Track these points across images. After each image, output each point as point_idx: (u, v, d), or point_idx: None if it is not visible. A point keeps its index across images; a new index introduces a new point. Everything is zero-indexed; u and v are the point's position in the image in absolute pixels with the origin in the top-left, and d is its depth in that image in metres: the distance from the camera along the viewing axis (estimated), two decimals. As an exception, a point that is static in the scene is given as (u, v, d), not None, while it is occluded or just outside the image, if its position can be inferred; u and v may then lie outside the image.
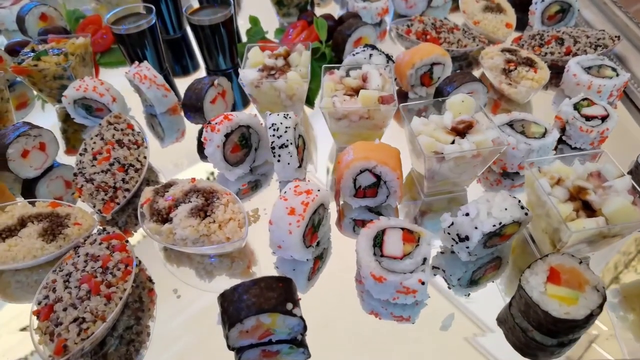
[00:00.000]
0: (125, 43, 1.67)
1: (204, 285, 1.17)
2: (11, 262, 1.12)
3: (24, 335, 1.07)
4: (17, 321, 1.11)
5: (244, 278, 1.17)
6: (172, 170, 1.47)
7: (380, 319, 1.08)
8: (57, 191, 1.43)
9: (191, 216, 1.14)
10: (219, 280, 1.17)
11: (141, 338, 1.07)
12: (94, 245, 1.13)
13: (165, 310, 1.11)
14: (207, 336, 1.06)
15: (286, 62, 1.45)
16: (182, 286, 1.16)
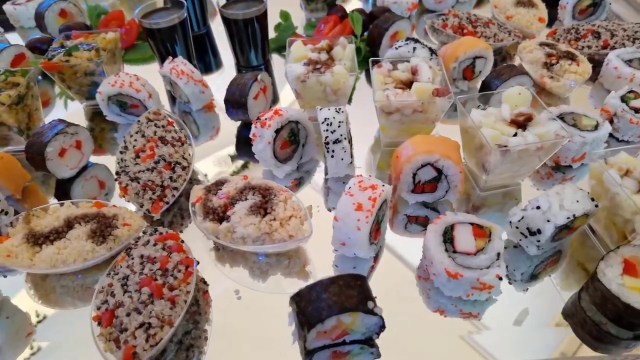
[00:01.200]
0: (156, 37, 1.62)
1: (260, 286, 1.12)
2: (62, 265, 1.06)
3: (83, 343, 1.00)
4: (71, 328, 1.05)
5: (301, 278, 1.13)
6: (211, 168, 1.42)
7: (446, 316, 1.05)
8: (92, 192, 1.36)
9: (251, 214, 1.09)
10: (275, 280, 1.12)
11: (199, 343, 1.02)
12: (148, 246, 1.07)
13: (222, 312, 1.06)
14: (270, 339, 1.02)
15: (330, 56, 1.41)
16: (237, 287, 1.11)
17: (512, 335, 1.01)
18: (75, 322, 1.05)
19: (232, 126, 1.55)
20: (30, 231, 1.11)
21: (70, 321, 1.07)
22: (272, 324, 1.04)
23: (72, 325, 1.06)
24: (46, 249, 1.07)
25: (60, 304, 1.10)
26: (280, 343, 1.00)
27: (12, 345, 1.04)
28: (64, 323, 1.06)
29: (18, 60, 1.70)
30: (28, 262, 1.06)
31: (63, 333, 1.05)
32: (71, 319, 1.07)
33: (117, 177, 1.24)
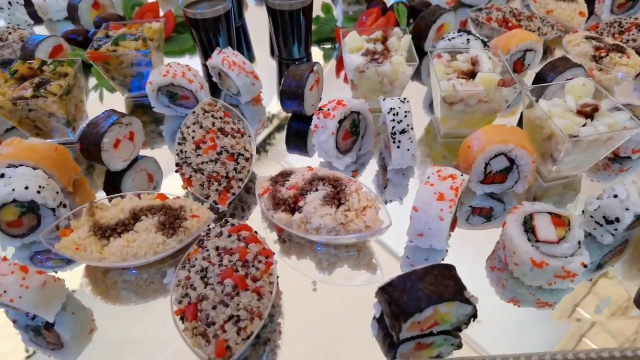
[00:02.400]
0: (199, 28, 1.58)
1: (327, 278, 1.09)
2: (132, 258, 1.03)
3: (149, 339, 0.99)
4: (145, 324, 1.02)
5: (369, 270, 1.11)
6: (262, 160, 1.39)
7: (520, 306, 1.04)
8: (141, 185, 1.33)
9: (325, 204, 1.07)
10: (343, 272, 1.09)
11: (274, 337, 1.00)
12: (222, 237, 1.04)
13: (293, 305, 1.03)
14: (346, 332, 0.99)
15: (385, 46, 1.40)
16: (304, 279, 1.08)
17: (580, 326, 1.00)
18: (138, 317, 1.03)
19: (278, 119, 1.52)
20: (95, 223, 1.07)
21: (133, 316, 1.03)
22: (346, 316, 1.02)
23: (138, 320, 1.03)
24: (114, 241, 1.04)
25: (120, 299, 1.06)
26: (357, 335, 0.98)
27: (76, 341, 1.00)
28: (126, 318, 1.03)
29: (56, 51, 1.66)
30: (97, 256, 1.02)
31: (127, 329, 1.01)
32: (133, 314, 1.04)
33: (178, 169, 1.21)
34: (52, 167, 1.19)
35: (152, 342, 0.99)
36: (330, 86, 1.63)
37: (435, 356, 0.96)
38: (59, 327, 1.01)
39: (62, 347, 1.00)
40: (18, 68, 1.36)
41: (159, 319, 1.02)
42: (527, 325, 1.00)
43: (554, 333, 0.99)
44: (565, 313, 1.02)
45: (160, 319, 1.01)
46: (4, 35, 1.72)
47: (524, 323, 1.00)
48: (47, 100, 1.27)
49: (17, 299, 0.92)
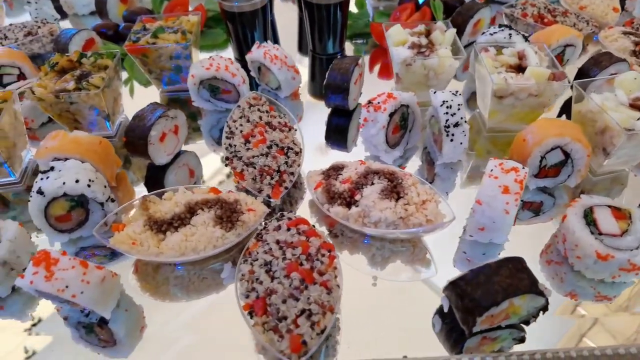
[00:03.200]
0: (236, 21, 1.56)
1: (381, 273, 1.07)
2: (191, 253, 1.00)
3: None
4: (198, 321, 1.00)
5: (423, 266, 1.09)
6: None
7: (577, 299, 1.03)
8: (183, 180, 1.30)
9: (385, 198, 1.05)
10: (396, 267, 1.08)
11: (334, 332, 0.97)
12: (281, 231, 1.02)
13: (349, 300, 1.00)
14: (405, 325, 0.98)
15: (429, 40, 1.39)
16: (359, 274, 1.06)
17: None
18: (190, 314, 1.00)
19: (315, 113, 1.51)
20: (149, 218, 1.05)
21: (185, 313, 1.01)
22: (405, 312, 1.00)
23: (190, 317, 1.00)
24: (171, 236, 1.02)
25: (171, 296, 1.04)
26: (418, 330, 0.96)
27: (129, 339, 0.98)
28: (177, 315, 1.01)
29: (88, 45, 1.63)
30: (155, 250, 1.00)
31: (178, 326, 0.99)
32: (185, 311, 1.01)
33: (227, 162, 1.18)
34: (97, 161, 1.17)
35: (205, 338, 0.97)
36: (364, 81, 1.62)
37: (497, 350, 0.95)
38: (113, 324, 0.99)
39: (115, 344, 0.98)
40: (58, 61, 1.33)
41: (214, 315, 1.00)
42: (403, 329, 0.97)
43: (555, 331, 0.97)
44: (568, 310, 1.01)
45: (217, 315, 1.00)
46: (33, 29, 1.69)
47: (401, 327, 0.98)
48: (89, 92, 1.25)
49: (79, 295, 0.89)
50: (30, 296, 1.05)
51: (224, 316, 1.00)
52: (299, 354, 0.83)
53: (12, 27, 1.72)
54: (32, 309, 1.04)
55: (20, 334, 0.99)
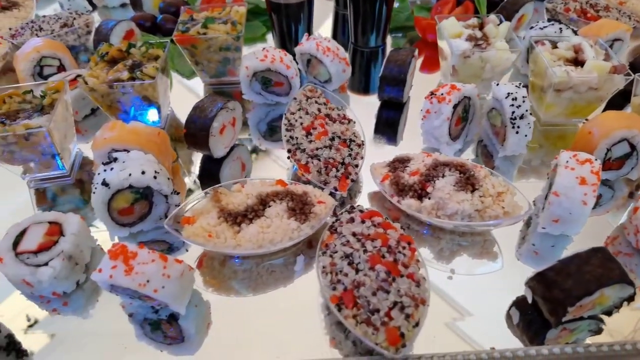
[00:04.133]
0: (281, 13, 1.54)
1: (453, 267, 1.05)
2: (269, 245, 0.98)
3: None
4: (268, 315, 0.97)
5: (491, 259, 1.08)
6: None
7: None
8: (236, 173, 1.28)
9: (460, 190, 1.04)
10: (463, 260, 1.06)
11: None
12: (356, 223, 1.00)
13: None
14: (482, 318, 0.96)
15: (483, 33, 1.38)
16: (437, 267, 1.05)
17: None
18: (259, 309, 0.98)
19: (361, 107, 1.49)
20: (222, 210, 1.02)
21: (253, 308, 0.98)
22: (477, 304, 0.98)
23: (259, 311, 0.98)
24: (248, 228, 0.99)
25: (236, 290, 1.01)
26: (493, 322, 0.95)
27: (198, 335, 0.95)
28: (246, 310, 0.98)
29: (128, 36, 1.59)
30: (232, 243, 0.97)
31: (245, 321, 0.96)
32: (253, 306, 0.99)
33: (290, 155, 1.16)
34: (156, 152, 1.13)
35: (273, 333, 0.94)
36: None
37: (572, 342, 0.94)
38: (183, 321, 0.96)
39: (183, 341, 0.95)
40: (107, 50, 1.29)
41: (282, 309, 0.98)
42: (477, 322, 0.95)
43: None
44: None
45: (285, 309, 0.98)
46: (68, 20, 1.65)
47: (474, 320, 0.96)
48: (143, 82, 1.22)
49: (160, 290, 0.86)
50: (92, 292, 1.03)
51: (291, 310, 0.97)
52: (397, 346, 0.81)
53: (47, 19, 1.67)
54: (93, 306, 1.02)
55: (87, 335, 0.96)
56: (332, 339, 0.93)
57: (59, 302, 1.01)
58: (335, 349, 0.92)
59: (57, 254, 0.97)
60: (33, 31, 1.64)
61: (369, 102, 1.53)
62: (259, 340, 0.93)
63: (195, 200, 1.10)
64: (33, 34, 1.63)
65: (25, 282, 0.96)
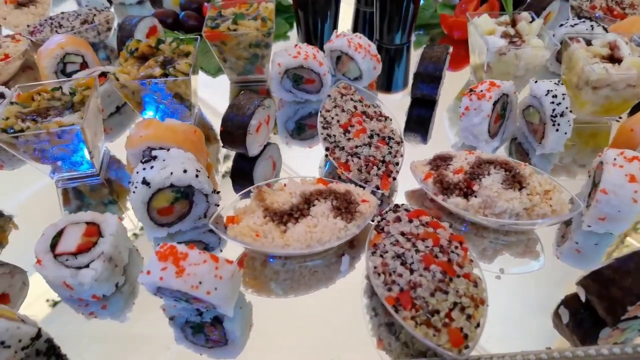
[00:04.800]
0: (307, 9, 1.51)
1: (489, 267, 1.04)
2: (316, 244, 0.95)
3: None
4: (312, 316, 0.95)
5: (533, 257, 1.06)
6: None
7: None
8: (267, 173, 1.25)
9: (508, 188, 1.03)
10: (506, 260, 1.04)
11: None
12: (403, 223, 0.98)
13: None
14: (531, 319, 0.95)
15: (516, 30, 1.36)
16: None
17: None
18: (301, 309, 0.96)
19: (387, 105, 1.47)
20: (267, 209, 1.00)
21: (293, 308, 0.96)
22: (526, 304, 0.97)
23: (302, 312, 0.95)
24: (294, 227, 0.97)
25: (276, 291, 0.99)
26: (541, 322, 0.93)
27: (242, 338, 0.92)
28: (288, 310, 0.96)
29: (152, 32, 1.56)
30: (280, 242, 0.95)
31: (285, 322, 0.94)
32: (293, 306, 0.97)
33: (329, 153, 1.14)
34: (193, 150, 1.10)
35: (320, 336, 0.92)
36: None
37: (621, 342, 0.93)
38: (228, 323, 0.93)
39: (226, 344, 0.92)
40: (137, 46, 1.26)
41: (326, 310, 0.95)
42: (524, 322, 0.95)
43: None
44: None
45: (329, 310, 0.95)
46: (88, 17, 1.61)
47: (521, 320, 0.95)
48: (177, 79, 1.19)
49: (213, 292, 0.83)
50: (129, 295, 1.00)
51: (334, 312, 0.95)
52: (460, 348, 0.79)
53: (66, 15, 1.64)
54: (130, 309, 0.99)
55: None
56: (380, 341, 0.91)
57: (98, 305, 0.98)
58: (383, 351, 0.90)
59: (97, 256, 0.94)
60: (52, 28, 1.60)
61: (394, 99, 1.52)
62: (301, 343, 0.91)
63: (236, 199, 1.08)
64: (53, 30, 1.60)
65: (66, 284, 0.93)
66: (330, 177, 1.20)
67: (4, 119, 1.10)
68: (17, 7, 1.73)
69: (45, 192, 1.23)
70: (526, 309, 0.96)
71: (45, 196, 1.22)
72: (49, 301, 0.99)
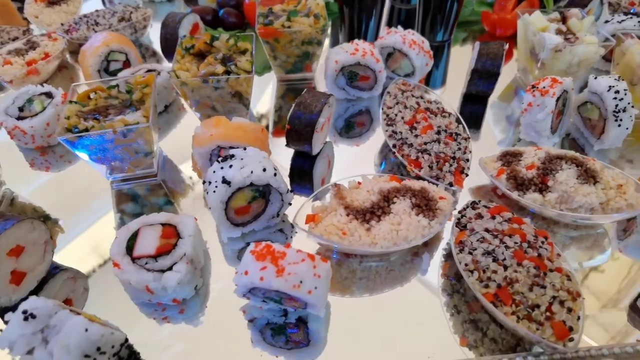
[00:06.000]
0: (354, 7, 1.50)
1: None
2: (403, 242, 0.95)
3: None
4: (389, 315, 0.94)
5: (600, 252, 1.08)
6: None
7: None
8: (324, 171, 1.24)
9: (584, 183, 1.03)
10: (574, 254, 1.04)
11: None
12: (485, 220, 0.98)
13: None
14: (601, 314, 0.95)
15: (567, 27, 1.38)
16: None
17: None
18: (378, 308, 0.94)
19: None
20: (347, 207, 0.98)
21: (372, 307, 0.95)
22: (599, 297, 0.97)
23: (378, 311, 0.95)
24: (379, 225, 0.95)
25: (353, 290, 0.97)
26: (612, 317, 0.94)
27: (322, 338, 0.91)
28: (361, 309, 0.95)
29: (194, 29, 1.53)
30: (367, 240, 0.94)
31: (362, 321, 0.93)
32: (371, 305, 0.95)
33: (397, 150, 1.13)
34: (261, 149, 1.08)
35: (399, 335, 0.91)
36: (464, 71, 1.58)
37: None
38: (313, 323, 0.92)
39: (308, 345, 0.91)
40: (193, 43, 1.23)
41: (404, 309, 0.95)
42: (600, 315, 0.96)
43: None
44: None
45: (408, 309, 0.95)
46: (125, 14, 1.57)
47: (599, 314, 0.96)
48: (239, 77, 1.16)
49: (313, 291, 0.82)
50: (204, 299, 0.98)
51: (413, 311, 0.94)
52: (564, 341, 0.79)
53: (101, 12, 1.60)
54: (203, 313, 0.96)
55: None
56: (463, 338, 0.90)
57: (175, 309, 0.95)
58: (466, 348, 0.90)
59: (179, 258, 0.91)
60: (89, 26, 1.56)
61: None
62: (381, 343, 0.89)
63: (312, 197, 1.06)
64: (89, 28, 1.56)
65: (147, 289, 0.90)
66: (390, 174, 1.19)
67: (66, 118, 1.07)
68: (49, 6, 1.68)
69: (100, 192, 1.20)
70: (601, 302, 0.97)
71: (101, 196, 1.19)
72: (109, 305, 0.97)
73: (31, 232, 0.95)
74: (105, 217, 1.17)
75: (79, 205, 1.19)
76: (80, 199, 1.21)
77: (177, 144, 1.35)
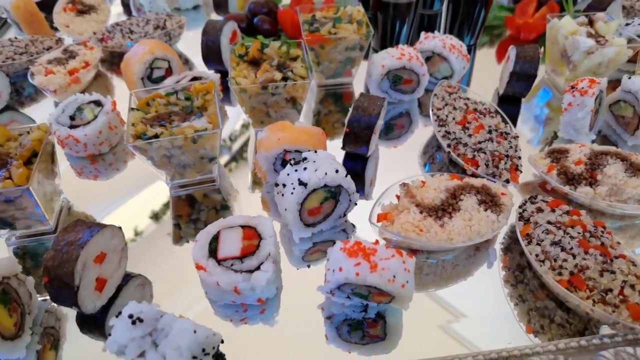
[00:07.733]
0: (388, 13, 1.55)
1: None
2: (477, 237, 1.00)
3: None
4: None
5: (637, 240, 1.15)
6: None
7: None
8: (372, 171, 1.28)
9: (633, 176, 1.10)
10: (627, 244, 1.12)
11: None
12: (546, 213, 1.04)
13: None
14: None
15: (595, 30, 1.46)
16: None
17: None
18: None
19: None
20: (418, 204, 1.03)
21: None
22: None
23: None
24: (451, 221, 1.00)
25: (418, 286, 1.01)
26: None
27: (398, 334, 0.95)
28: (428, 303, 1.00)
29: (234, 37, 1.55)
30: (444, 237, 0.98)
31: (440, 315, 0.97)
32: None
33: (451, 150, 1.18)
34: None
35: (466, 327, 0.95)
36: (488, 73, 1.66)
37: None
38: (391, 318, 0.96)
39: (384, 339, 0.94)
40: (245, 51, 1.26)
41: (472, 301, 0.99)
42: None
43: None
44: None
45: (478, 301, 0.99)
46: (159, 22, 1.59)
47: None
48: (296, 83, 1.20)
49: (406, 285, 0.86)
50: (277, 298, 1.01)
51: (476, 303, 0.99)
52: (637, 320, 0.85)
53: (134, 20, 1.61)
54: (277, 313, 0.99)
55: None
56: (529, 325, 0.96)
57: (257, 309, 0.98)
58: (532, 334, 0.95)
59: (265, 257, 0.94)
60: (124, 34, 1.57)
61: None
62: (451, 335, 0.94)
63: (381, 195, 1.10)
64: (125, 36, 1.56)
65: (236, 289, 0.92)
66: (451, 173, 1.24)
67: (133, 125, 1.08)
68: (78, 15, 1.67)
69: (159, 198, 1.22)
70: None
71: (160, 202, 1.21)
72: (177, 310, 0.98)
73: (112, 239, 0.96)
74: (162, 222, 1.19)
75: (135, 212, 1.21)
76: (136, 206, 1.23)
77: (227, 150, 1.38)
